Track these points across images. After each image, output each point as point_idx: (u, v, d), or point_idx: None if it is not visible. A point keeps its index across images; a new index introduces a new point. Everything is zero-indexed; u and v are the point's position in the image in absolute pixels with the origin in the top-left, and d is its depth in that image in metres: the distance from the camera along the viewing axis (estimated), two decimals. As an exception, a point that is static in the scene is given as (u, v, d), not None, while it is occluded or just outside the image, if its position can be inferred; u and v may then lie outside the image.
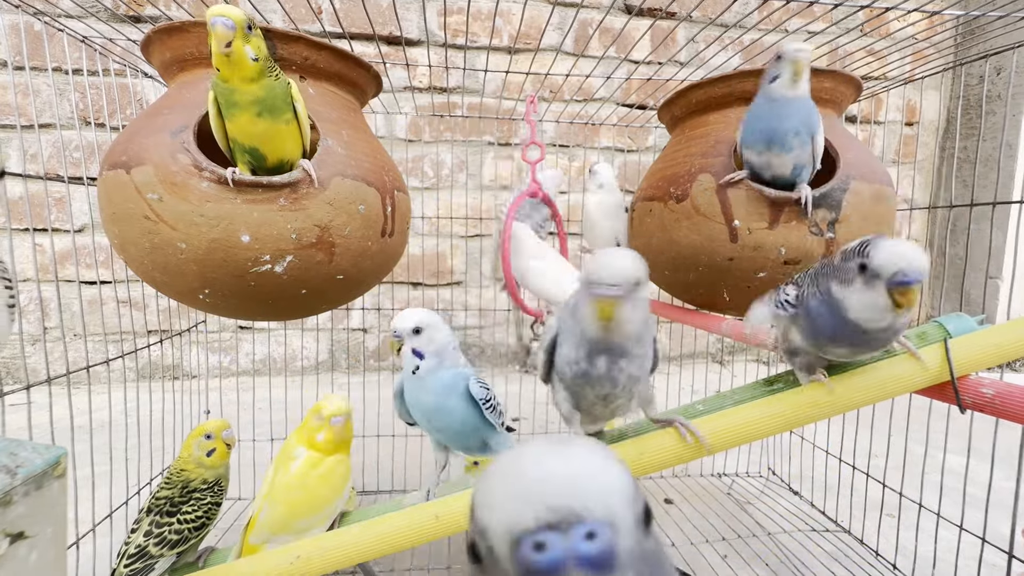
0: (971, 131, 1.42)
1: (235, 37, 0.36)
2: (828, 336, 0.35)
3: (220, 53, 0.36)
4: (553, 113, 1.29)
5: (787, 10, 1.28)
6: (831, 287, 0.33)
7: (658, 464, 0.37)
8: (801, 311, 0.36)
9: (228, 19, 0.36)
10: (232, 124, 0.40)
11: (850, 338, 0.34)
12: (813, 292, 0.35)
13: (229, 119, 0.40)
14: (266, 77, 0.38)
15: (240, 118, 0.39)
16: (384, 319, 1.36)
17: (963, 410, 0.35)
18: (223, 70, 0.37)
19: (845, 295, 0.32)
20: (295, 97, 0.40)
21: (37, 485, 0.25)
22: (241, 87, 0.38)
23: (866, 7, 0.47)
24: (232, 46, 0.36)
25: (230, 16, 0.36)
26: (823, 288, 0.34)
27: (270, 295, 0.43)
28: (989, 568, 0.50)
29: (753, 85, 0.51)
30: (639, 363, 0.34)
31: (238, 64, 0.37)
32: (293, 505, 0.42)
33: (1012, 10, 0.48)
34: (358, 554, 0.35)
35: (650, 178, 0.59)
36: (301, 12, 1.20)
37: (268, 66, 0.38)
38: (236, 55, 0.36)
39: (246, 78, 0.38)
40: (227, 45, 0.36)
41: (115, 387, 1.03)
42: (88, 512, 0.55)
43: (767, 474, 0.81)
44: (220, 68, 0.37)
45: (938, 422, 0.56)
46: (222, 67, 0.37)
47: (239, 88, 0.38)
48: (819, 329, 0.35)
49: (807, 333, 0.36)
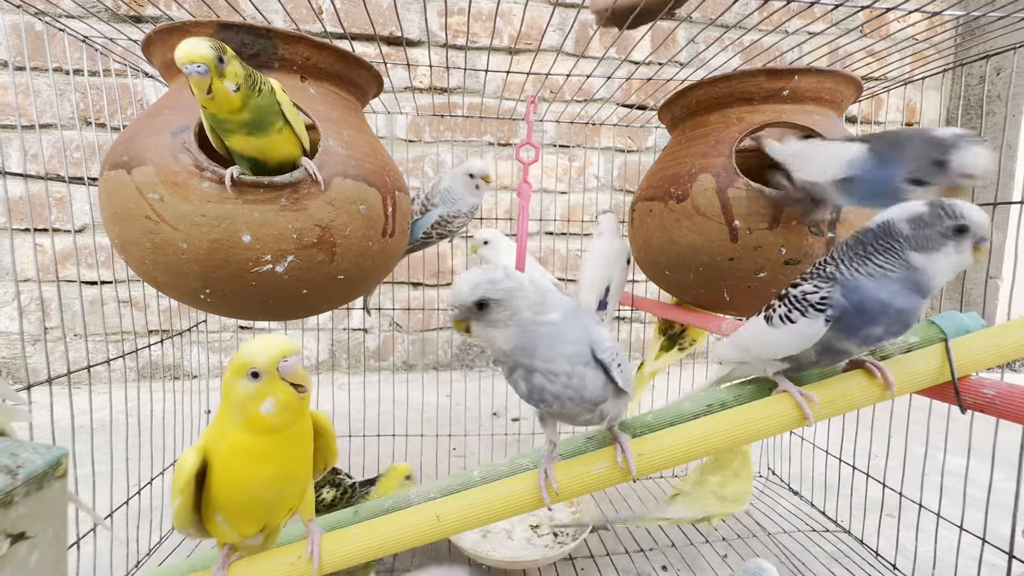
0: (971, 131, 1.42)
1: (211, 79, 0.34)
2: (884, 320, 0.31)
3: (202, 100, 0.35)
4: (553, 113, 1.29)
5: (787, 10, 1.28)
6: (912, 260, 0.31)
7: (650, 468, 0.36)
8: (848, 305, 0.32)
9: (200, 64, 0.33)
10: (228, 140, 0.39)
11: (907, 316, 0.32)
12: (856, 276, 0.32)
13: (223, 136, 0.39)
14: (252, 98, 0.37)
15: (233, 137, 0.39)
16: (384, 319, 1.36)
17: (964, 410, 0.35)
18: (209, 108, 0.36)
19: (931, 261, 0.31)
20: (281, 101, 0.39)
21: (38, 485, 0.25)
22: (230, 116, 0.37)
23: (866, 8, 0.47)
24: (212, 89, 0.34)
25: (200, 59, 0.33)
26: (889, 264, 0.31)
27: (271, 295, 0.43)
28: (989, 568, 0.50)
29: (753, 85, 0.51)
30: (574, 383, 0.31)
31: (221, 102, 0.36)
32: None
33: (1012, 10, 0.49)
34: (358, 554, 0.35)
35: (650, 178, 0.59)
36: (302, 12, 1.21)
37: (249, 84, 0.36)
38: (218, 95, 0.35)
39: (233, 110, 0.37)
40: (207, 91, 0.34)
41: (115, 387, 1.03)
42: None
43: (767, 474, 0.81)
44: (206, 107, 0.36)
45: (938, 422, 0.56)
46: (207, 106, 0.36)
47: (227, 118, 0.37)
48: (874, 315, 0.31)
49: (851, 328, 0.32)
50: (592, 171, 1.39)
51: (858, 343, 0.33)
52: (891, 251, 0.31)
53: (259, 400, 0.28)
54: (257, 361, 0.28)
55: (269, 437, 0.29)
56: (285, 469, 0.31)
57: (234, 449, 0.29)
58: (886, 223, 0.32)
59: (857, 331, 0.32)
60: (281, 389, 0.28)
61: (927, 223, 0.31)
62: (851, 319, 0.32)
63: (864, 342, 0.33)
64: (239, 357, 0.28)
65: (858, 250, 0.33)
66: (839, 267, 0.33)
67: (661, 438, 0.36)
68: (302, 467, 0.32)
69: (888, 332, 0.32)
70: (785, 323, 0.34)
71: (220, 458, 0.30)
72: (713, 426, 0.36)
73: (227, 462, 0.29)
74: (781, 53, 1.15)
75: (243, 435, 0.29)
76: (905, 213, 0.32)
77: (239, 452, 0.29)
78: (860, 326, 0.32)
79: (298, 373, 0.29)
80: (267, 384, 0.28)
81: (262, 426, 0.29)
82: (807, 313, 0.33)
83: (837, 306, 0.32)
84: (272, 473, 0.30)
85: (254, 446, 0.29)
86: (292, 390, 0.29)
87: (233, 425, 0.29)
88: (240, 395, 0.28)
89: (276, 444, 0.30)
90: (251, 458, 0.29)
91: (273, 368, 0.28)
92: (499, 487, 0.37)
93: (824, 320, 0.32)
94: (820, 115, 0.51)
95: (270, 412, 0.28)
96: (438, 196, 0.63)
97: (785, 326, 0.34)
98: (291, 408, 0.29)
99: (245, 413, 0.29)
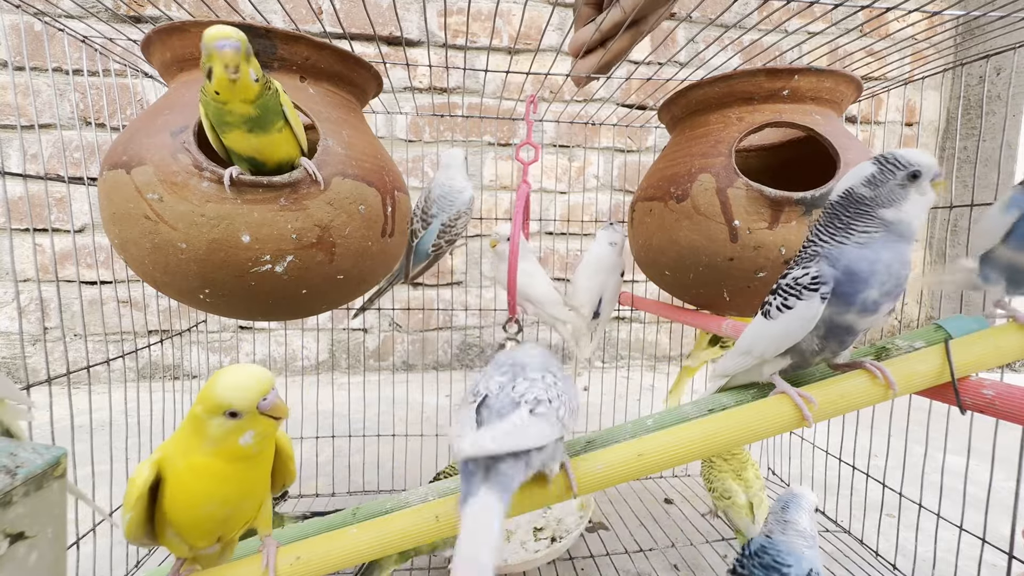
0: (971, 131, 1.42)
1: (240, 59, 0.34)
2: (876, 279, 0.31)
3: (227, 78, 0.34)
4: (553, 113, 1.29)
5: (787, 10, 1.28)
6: (885, 216, 0.31)
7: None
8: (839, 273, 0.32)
9: (235, 41, 0.33)
10: (226, 138, 0.39)
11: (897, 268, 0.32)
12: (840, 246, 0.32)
13: (222, 133, 0.39)
14: (264, 94, 0.37)
15: (232, 134, 0.39)
16: (384, 319, 1.36)
17: (964, 411, 0.35)
18: (224, 93, 0.36)
19: (904, 212, 0.31)
20: (284, 102, 0.39)
21: (37, 485, 0.25)
22: (238, 108, 0.37)
23: (866, 7, 0.47)
24: (239, 70, 0.34)
25: (236, 38, 0.33)
26: (869, 227, 0.32)
27: (270, 295, 0.43)
28: (989, 568, 0.50)
29: (753, 85, 0.51)
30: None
31: (242, 88, 0.35)
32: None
33: (1012, 10, 0.48)
34: (358, 555, 0.35)
35: (650, 178, 0.59)
36: (302, 12, 1.21)
37: (264, 82, 0.37)
38: (242, 79, 0.35)
39: (247, 100, 0.36)
40: (235, 71, 0.34)
41: (115, 387, 1.03)
42: (88, 512, 0.55)
43: (767, 474, 0.81)
44: (221, 91, 0.35)
45: (938, 422, 0.56)
46: (223, 90, 0.35)
47: (233, 109, 0.37)
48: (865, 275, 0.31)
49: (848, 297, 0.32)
50: (592, 171, 1.39)
51: (858, 312, 0.33)
52: (864, 215, 0.32)
53: (238, 434, 0.28)
54: (237, 404, 0.27)
55: (234, 462, 0.29)
56: (241, 489, 0.30)
57: (193, 468, 0.29)
58: (847, 192, 0.33)
59: (854, 298, 0.32)
60: (260, 423, 0.28)
61: (882, 180, 0.31)
62: (845, 287, 0.32)
63: (864, 310, 0.32)
64: (213, 396, 0.27)
65: (835, 223, 0.33)
66: (818, 244, 0.33)
67: (660, 438, 0.36)
68: (259, 487, 0.32)
69: (884, 294, 0.32)
70: (783, 311, 0.34)
71: (176, 474, 0.29)
72: (713, 427, 0.36)
73: (183, 479, 0.29)
74: (781, 53, 1.15)
75: (207, 459, 0.28)
76: (858, 178, 0.32)
77: (198, 472, 0.29)
78: (855, 291, 0.32)
79: (278, 407, 0.28)
80: (247, 421, 0.28)
81: (237, 454, 0.28)
82: (802, 295, 0.33)
83: (828, 278, 0.32)
84: (228, 494, 0.30)
85: (214, 469, 0.29)
86: (273, 421, 0.29)
87: (202, 451, 0.28)
88: (215, 431, 0.28)
89: (237, 468, 0.29)
90: (209, 478, 0.29)
91: (253, 408, 0.28)
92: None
93: (820, 298, 0.32)
94: (820, 115, 0.51)
95: (249, 443, 0.28)
96: (434, 206, 0.63)
97: (783, 314, 0.34)
98: (270, 436, 0.29)
99: (221, 445, 0.28)
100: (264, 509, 0.34)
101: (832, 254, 0.33)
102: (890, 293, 0.32)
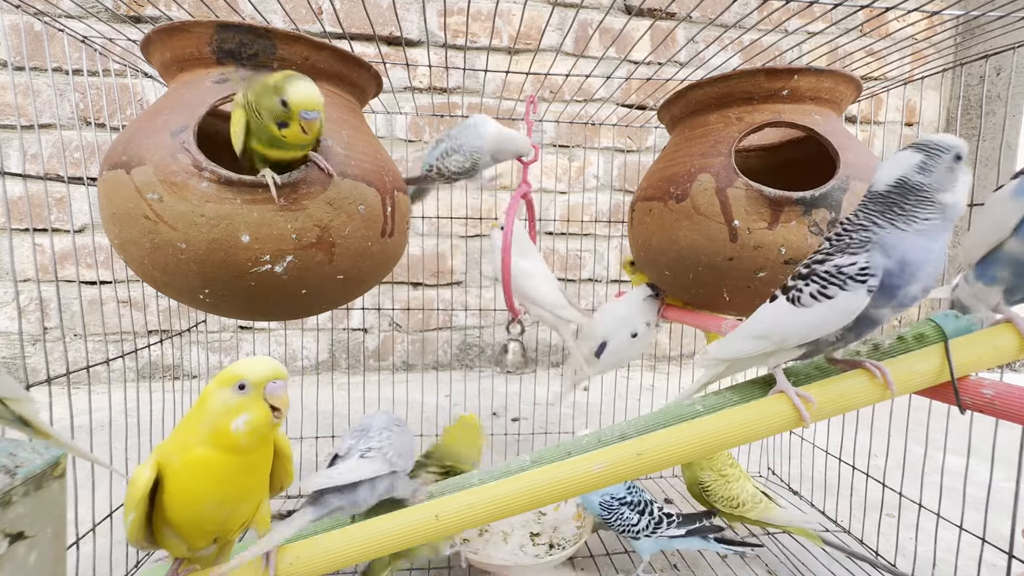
0: (971, 131, 1.42)
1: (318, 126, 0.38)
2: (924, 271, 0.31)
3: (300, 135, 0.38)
4: (553, 113, 1.29)
5: (787, 10, 1.28)
6: (945, 200, 0.31)
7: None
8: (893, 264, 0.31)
9: (319, 112, 0.37)
10: (253, 144, 0.40)
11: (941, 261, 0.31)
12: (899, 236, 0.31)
13: (252, 141, 0.40)
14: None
15: (259, 146, 0.40)
16: (384, 319, 1.36)
17: (963, 411, 0.35)
18: (290, 139, 0.38)
19: (957, 194, 0.31)
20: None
21: (37, 485, 0.25)
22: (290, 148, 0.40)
23: (866, 7, 0.47)
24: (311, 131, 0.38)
25: (320, 107, 0.37)
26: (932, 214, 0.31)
27: (270, 295, 0.43)
28: (989, 568, 0.50)
29: (752, 85, 0.51)
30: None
31: (305, 138, 0.39)
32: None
33: (1012, 10, 0.48)
34: (358, 554, 0.35)
35: (650, 178, 0.59)
36: (301, 12, 1.21)
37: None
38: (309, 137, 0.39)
39: (297, 146, 0.40)
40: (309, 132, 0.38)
41: (115, 387, 1.03)
42: (88, 512, 0.55)
43: (767, 474, 0.81)
44: (288, 137, 0.38)
45: (938, 422, 0.56)
46: (291, 138, 0.38)
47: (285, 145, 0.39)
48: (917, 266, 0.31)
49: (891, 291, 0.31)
50: (592, 171, 1.39)
51: (895, 306, 0.32)
52: (924, 201, 0.31)
53: (234, 414, 0.28)
54: (249, 375, 0.28)
55: (230, 457, 0.29)
56: (239, 490, 0.31)
57: (190, 465, 0.29)
58: (900, 181, 0.32)
59: (897, 291, 0.31)
60: (259, 408, 0.29)
61: (931, 166, 0.31)
62: (894, 279, 0.31)
63: (901, 304, 0.32)
64: (231, 369, 0.29)
65: (893, 210, 0.32)
66: (870, 230, 0.32)
67: (661, 437, 0.36)
68: (257, 488, 0.32)
69: (924, 289, 0.32)
70: (819, 300, 0.33)
71: (174, 473, 0.29)
72: (711, 426, 0.36)
73: (180, 478, 0.29)
74: (781, 53, 1.15)
75: (204, 451, 0.29)
76: (908, 167, 0.32)
77: (195, 469, 0.29)
78: (901, 284, 0.31)
79: (282, 397, 0.29)
80: (249, 399, 0.29)
81: (227, 443, 0.29)
82: (846, 285, 0.32)
83: (878, 270, 0.31)
84: (225, 494, 0.30)
85: (211, 464, 0.29)
86: (268, 412, 0.29)
87: (197, 439, 0.29)
88: (218, 404, 0.29)
89: (235, 465, 0.29)
90: (206, 477, 0.29)
91: (261, 386, 0.29)
92: (497, 488, 0.37)
93: (867, 291, 0.31)
94: (819, 115, 0.51)
95: (239, 430, 0.28)
96: (448, 136, 0.61)
97: (820, 303, 0.33)
98: (260, 430, 0.29)
99: (214, 426, 0.28)
100: (263, 510, 0.34)
101: (888, 243, 0.31)
102: (928, 288, 0.32)
